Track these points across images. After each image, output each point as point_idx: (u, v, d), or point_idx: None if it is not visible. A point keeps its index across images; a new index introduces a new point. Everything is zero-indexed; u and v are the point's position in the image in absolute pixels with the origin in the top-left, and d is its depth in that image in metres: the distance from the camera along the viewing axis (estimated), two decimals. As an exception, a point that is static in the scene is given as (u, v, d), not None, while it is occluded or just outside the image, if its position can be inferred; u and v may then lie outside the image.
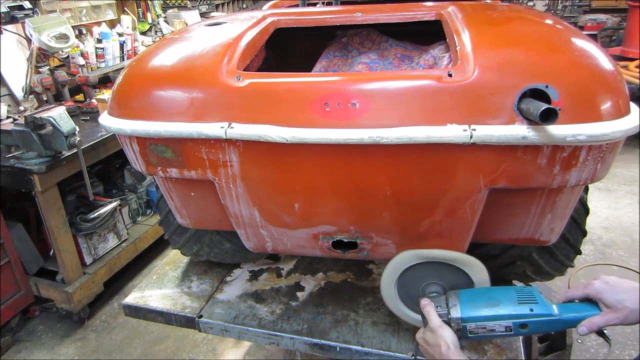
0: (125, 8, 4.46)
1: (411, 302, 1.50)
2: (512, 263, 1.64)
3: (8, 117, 2.97)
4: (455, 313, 1.27)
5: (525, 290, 1.29)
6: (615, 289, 1.17)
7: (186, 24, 4.98)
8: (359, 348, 1.53)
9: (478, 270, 1.41)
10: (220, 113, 1.27)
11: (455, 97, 1.16)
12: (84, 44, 3.82)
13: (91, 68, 3.82)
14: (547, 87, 1.11)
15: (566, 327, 1.23)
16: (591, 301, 1.21)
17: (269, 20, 1.72)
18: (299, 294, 1.80)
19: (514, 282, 1.76)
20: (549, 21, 1.48)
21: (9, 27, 3.34)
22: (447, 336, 1.24)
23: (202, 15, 5.75)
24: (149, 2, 4.84)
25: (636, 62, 5.03)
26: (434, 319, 1.28)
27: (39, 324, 3.14)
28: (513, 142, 1.12)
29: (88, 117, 3.30)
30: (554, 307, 1.23)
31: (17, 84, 3.26)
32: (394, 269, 1.46)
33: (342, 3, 2.05)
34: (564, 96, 1.11)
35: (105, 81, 3.96)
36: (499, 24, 1.49)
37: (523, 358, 1.48)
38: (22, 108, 3.15)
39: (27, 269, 3.03)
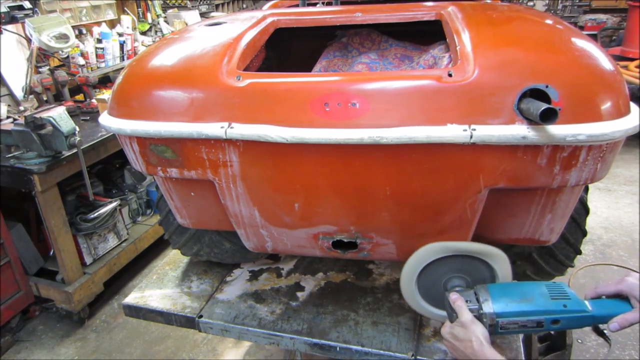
0: (125, 8, 4.46)
1: (432, 297, 1.46)
2: (512, 263, 1.63)
3: (8, 117, 2.97)
4: (488, 308, 1.23)
5: (556, 285, 1.26)
6: None
7: (186, 24, 4.98)
8: (359, 348, 1.53)
9: (503, 264, 1.38)
10: (220, 113, 1.27)
11: (455, 97, 1.16)
12: (84, 44, 3.82)
13: (91, 68, 3.82)
14: (547, 87, 1.11)
15: (597, 323, 1.22)
16: (621, 297, 1.20)
17: (269, 20, 1.72)
18: (299, 294, 1.80)
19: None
20: (549, 21, 1.48)
21: (9, 27, 3.34)
22: (479, 332, 1.20)
23: (202, 15, 5.75)
24: (149, 2, 4.84)
25: (636, 62, 5.03)
26: (465, 314, 1.24)
27: (39, 324, 3.14)
28: (513, 142, 1.12)
29: (88, 117, 3.30)
30: (587, 303, 1.21)
31: (17, 84, 3.26)
32: (415, 263, 1.40)
33: (342, 3, 2.05)
34: (564, 96, 1.11)
35: (105, 81, 3.96)
36: (499, 24, 1.49)
37: (523, 358, 1.48)
38: (22, 108, 3.15)
39: (27, 269, 3.03)
